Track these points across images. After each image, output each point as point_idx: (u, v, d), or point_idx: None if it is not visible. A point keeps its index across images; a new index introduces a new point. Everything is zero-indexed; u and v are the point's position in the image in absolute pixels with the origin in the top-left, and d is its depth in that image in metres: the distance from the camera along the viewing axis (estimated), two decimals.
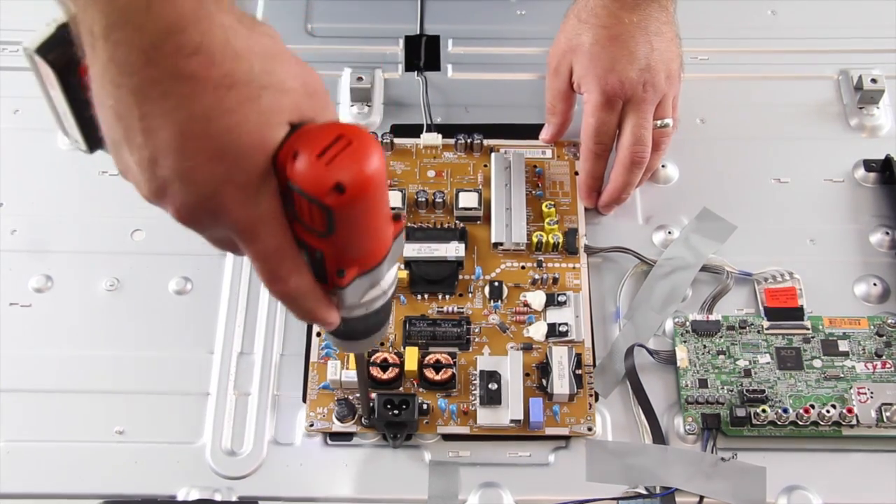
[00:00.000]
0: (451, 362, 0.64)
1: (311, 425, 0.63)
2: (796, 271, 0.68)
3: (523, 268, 0.68)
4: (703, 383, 0.64)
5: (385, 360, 0.63)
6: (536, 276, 0.67)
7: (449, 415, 0.63)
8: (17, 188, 0.73)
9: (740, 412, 0.62)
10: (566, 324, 0.65)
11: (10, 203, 0.72)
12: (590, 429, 0.63)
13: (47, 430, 0.64)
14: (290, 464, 0.62)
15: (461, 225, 0.70)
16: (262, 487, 0.62)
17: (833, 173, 0.74)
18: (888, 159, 0.73)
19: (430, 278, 0.67)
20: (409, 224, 0.69)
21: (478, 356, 0.65)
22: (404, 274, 0.66)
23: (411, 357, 0.63)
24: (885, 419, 0.62)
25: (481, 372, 0.63)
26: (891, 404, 0.62)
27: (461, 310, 0.67)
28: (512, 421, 0.62)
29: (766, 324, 0.66)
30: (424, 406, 0.62)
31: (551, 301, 0.66)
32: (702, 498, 0.60)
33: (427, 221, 0.70)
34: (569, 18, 0.69)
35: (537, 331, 0.65)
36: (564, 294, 0.66)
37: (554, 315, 0.66)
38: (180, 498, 0.61)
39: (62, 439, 0.63)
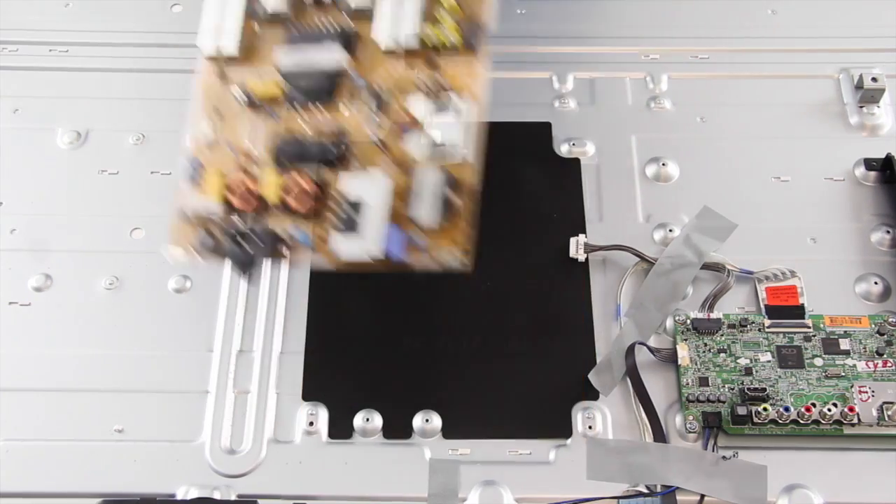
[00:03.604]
0: (316, 186, 0.56)
1: (176, 251, 0.56)
2: (797, 270, 0.68)
3: (411, 71, 0.58)
4: (703, 381, 0.64)
5: (244, 186, 0.57)
6: (426, 81, 0.58)
7: (306, 245, 0.56)
8: (17, 187, 0.73)
9: (741, 410, 0.62)
10: (449, 136, 0.56)
11: (10, 202, 0.72)
12: (462, 263, 0.55)
13: (46, 428, 0.64)
14: (290, 462, 0.62)
15: (347, 26, 0.60)
16: (261, 485, 0.62)
17: (834, 172, 0.74)
18: (889, 158, 0.72)
19: (306, 88, 0.59)
20: (291, 26, 0.61)
21: (346, 177, 0.56)
22: (278, 89, 0.59)
23: (270, 181, 0.56)
24: (886, 418, 0.62)
25: (344, 196, 0.55)
26: (892, 403, 0.62)
27: (338, 124, 0.58)
28: (370, 253, 0.54)
29: (767, 322, 0.66)
30: (280, 236, 0.56)
31: (439, 109, 0.57)
32: (702, 496, 0.60)
33: (310, 23, 0.61)
34: None
35: (417, 145, 0.56)
36: (452, 101, 0.57)
37: (439, 126, 0.57)
38: (179, 496, 0.61)
39: (61, 438, 0.63)
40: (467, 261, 0.55)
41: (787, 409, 0.61)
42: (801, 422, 0.62)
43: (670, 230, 0.70)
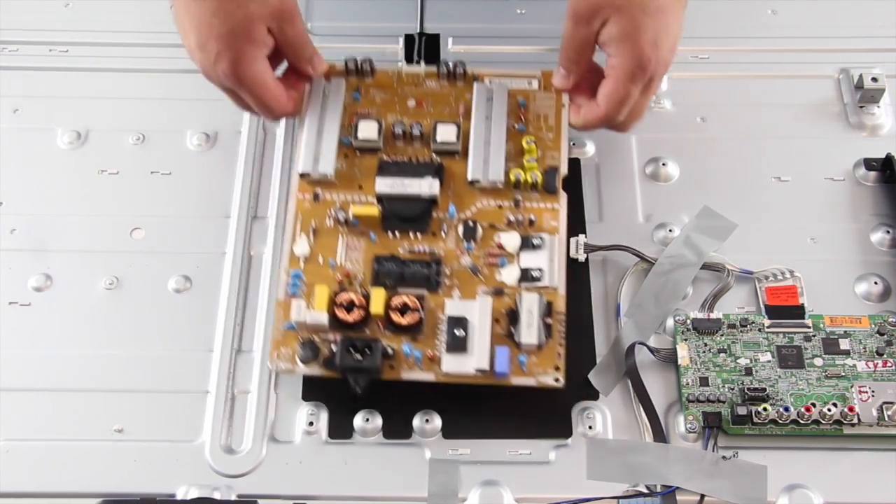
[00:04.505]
0: (419, 306, 0.61)
1: (275, 367, 0.61)
2: (797, 270, 0.68)
3: (500, 207, 0.66)
4: (704, 381, 0.64)
5: (351, 301, 0.61)
6: (512, 217, 0.65)
7: (413, 361, 0.61)
8: (17, 187, 0.73)
9: (741, 410, 0.62)
10: (540, 269, 0.63)
11: (10, 202, 0.72)
12: (557, 380, 0.61)
13: (46, 428, 0.64)
14: (290, 462, 0.62)
15: (438, 160, 0.67)
16: (261, 485, 0.62)
17: (834, 172, 0.74)
18: (889, 158, 0.72)
19: (402, 216, 0.65)
20: (384, 157, 0.67)
21: (447, 300, 0.62)
22: (376, 210, 0.65)
23: (378, 299, 0.61)
24: (886, 418, 0.62)
25: (449, 317, 0.61)
26: (892, 403, 0.62)
27: (433, 250, 0.64)
28: (477, 370, 0.60)
29: (767, 322, 0.66)
30: (389, 351, 0.60)
31: (526, 244, 0.64)
32: (702, 496, 0.60)
33: (404, 154, 0.68)
34: None
35: (510, 275, 0.63)
36: (540, 237, 0.64)
37: (528, 259, 0.64)
38: (179, 496, 0.61)
39: (61, 438, 0.63)
40: (562, 378, 0.61)
41: (787, 409, 0.61)
42: (801, 422, 0.62)
43: (670, 230, 0.70)
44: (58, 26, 0.81)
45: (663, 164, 0.74)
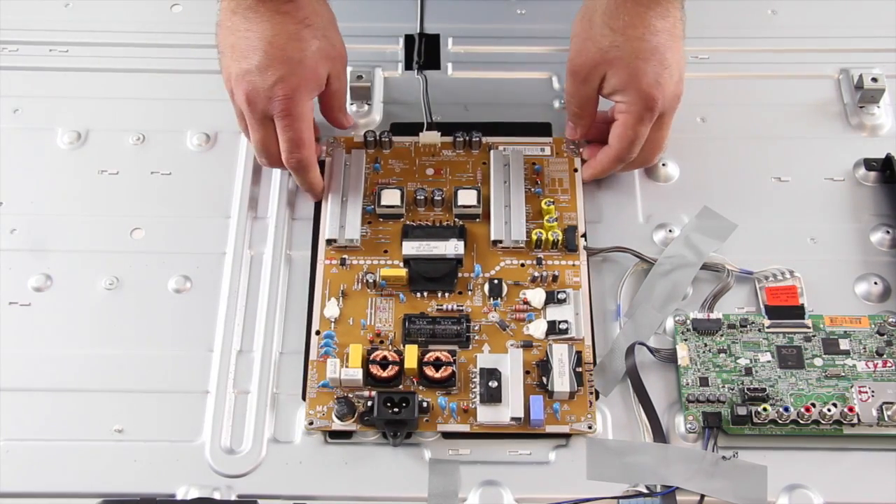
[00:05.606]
0: (451, 360, 0.64)
1: (311, 423, 0.62)
2: (797, 270, 0.68)
3: (523, 265, 0.68)
4: (703, 382, 0.64)
5: (385, 357, 0.63)
6: (536, 274, 0.67)
7: (449, 413, 0.63)
8: (17, 187, 0.73)
9: (741, 411, 0.62)
10: (566, 321, 0.65)
11: (10, 202, 0.72)
12: (590, 426, 0.62)
13: (46, 428, 0.64)
14: (290, 462, 0.62)
15: (460, 223, 0.70)
16: (261, 486, 0.62)
17: (834, 172, 0.74)
18: (888, 158, 0.72)
19: (429, 276, 0.67)
20: (408, 222, 0.70)
21: (478, 354, 0.64)
22: (404, 272, 0.67)
23: (411, 355, 0.63)
24: (886, 418, 0.62)
25: (481, 370, 0.63)
26: (892, 403, 0.62)
27: (461, 307, 0.66)
28: (512, 419, 0.62)
29: (766, 322, 0.66)
30: (424, 404, 0.62)
31: (551, 299, 0.66)
32: (702, 497, 0.60)
33: (426, 219, 0.70)
34: (594, 23, 0.66)
35: (537, 328, 0.65)
36: (564, 292, 0.66)
37: (554, 313, 0.66)
38: (179, 496, 0.61)
39: (61, 438, 0.63)
40: (595, 424, 0.63)
41: (786, 410, 0.61)
42: (801, 422, 0.62)
43: (670, 230, 0.70)
44: (58, 26, 0.81)
45: (663, 165, 0.74)
